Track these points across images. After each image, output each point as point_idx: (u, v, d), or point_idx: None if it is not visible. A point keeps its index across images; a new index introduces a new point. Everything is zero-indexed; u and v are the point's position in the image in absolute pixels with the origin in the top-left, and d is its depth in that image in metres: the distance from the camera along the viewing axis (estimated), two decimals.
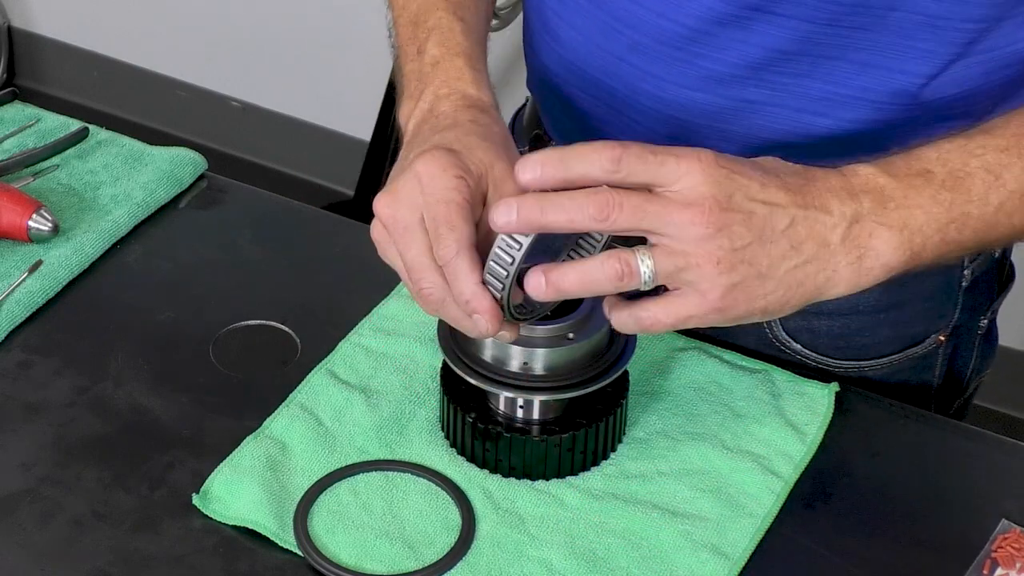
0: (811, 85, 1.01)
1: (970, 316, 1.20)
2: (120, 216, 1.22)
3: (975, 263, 1.16)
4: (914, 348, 1.18)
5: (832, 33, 0.99)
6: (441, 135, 0.95)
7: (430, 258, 0.90)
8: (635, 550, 0.97)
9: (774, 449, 1.04)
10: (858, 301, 1.13)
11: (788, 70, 1.01)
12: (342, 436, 1.04)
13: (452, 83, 1.00)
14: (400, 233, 0.91)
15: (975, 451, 1.07)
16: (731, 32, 1.01)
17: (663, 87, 1.05)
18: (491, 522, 0.98)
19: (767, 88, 1.02)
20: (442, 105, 0.99)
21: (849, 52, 0.99)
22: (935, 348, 1.19)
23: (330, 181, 2.87)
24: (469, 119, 0.96)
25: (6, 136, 1.30)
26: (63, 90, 3.05)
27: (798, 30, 0.99)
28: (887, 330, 1.16)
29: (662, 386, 1.08)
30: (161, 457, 1.03)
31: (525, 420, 1.01)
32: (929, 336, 1.18)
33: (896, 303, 1.15)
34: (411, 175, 0.91)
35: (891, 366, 1.18)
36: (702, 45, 1.02)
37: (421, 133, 0.98)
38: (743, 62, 1.02)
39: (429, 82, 1.01)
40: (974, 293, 1.19)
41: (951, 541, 0.99)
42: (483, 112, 0.98)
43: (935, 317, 1.18)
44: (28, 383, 1.09)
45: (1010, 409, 2.43)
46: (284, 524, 0.98)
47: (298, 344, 1.12)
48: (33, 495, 1.00)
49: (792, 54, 1.00)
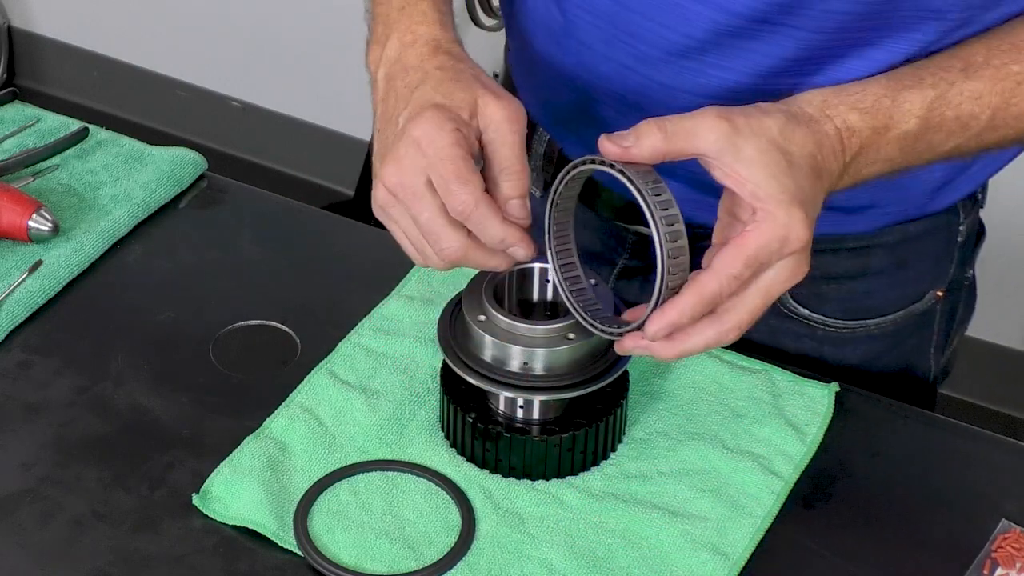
0: (818, 81, 1.01)
1: (961, 270, 1.23)
2: (120, 216, 1.22)
3: (969, 219, 1.20)
4: (916, 305, 1.20)
5: (840, 38, 0.99)
6: (420, 92, 0.96)
7: (445, 217, 0.93)
8: (635, 550, 0.97)
9: (774, 449, 1.04)
10: (866, 265, 1.17)
11: (796, 70, 1.02)
12: (342, 436, 1.04)
13: (415, 28, 1.01)
14: (411, 198, 0.93)
15: (975, 451, 1.07)
16: (739, 43, 1.01)
17: (672, 95, 1.05)
18: (491, 522, 0.98)
19: (774, 91, 1.02)
20: (408, 55, 1.00)
21: (855, 49, 1.00)
22: (934, 304, 1.22)
23: (330, 181, 2.87)
24: (436, 66, 0.98)
25: (6, 136, 1.30)
26: (63, 90, 3.05)
27: (805, 40, 1.00)
28: (893, 291, 1.19)
29: (662, 386, 1.08)
30: (161, 457, 1.03)
31: (525, 420, 1.01)
32: (928, 292, 1.21)
33: (902, 264, 1.18)
34: (408, 141, 0.93)
35: (895, 323, 1.20)
36: (711, 55, 1.02)
37: (394, 89, 0.99)
38: (752, 71, 1.02)
39: (394, 28, 1.02)
40: (965, 248, 1.22)
41: (951, 541, 0.99)
42: (448, 54, 0.99)
43: (935, 274, 1.21)
44: (28, 383, 1.09)
45: (1010, 409, 2.43)
46: (284, 524, 0.98)
47: (298, 344, 1.12)
48: (33, 495, 1.00)
49: (801, 60, 1.01)
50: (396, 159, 0.93)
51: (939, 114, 0.96)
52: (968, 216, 1.20)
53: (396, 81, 0.99)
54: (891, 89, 0.95)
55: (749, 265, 0.88)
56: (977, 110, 0.97)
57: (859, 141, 0.94)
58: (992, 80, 0.97)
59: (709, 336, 0.90)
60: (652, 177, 0.89)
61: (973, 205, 1.21)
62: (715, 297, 0.88)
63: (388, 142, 0.96)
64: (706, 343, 0.91)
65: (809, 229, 0.89)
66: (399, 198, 0.94)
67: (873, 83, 0.96)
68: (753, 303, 0.90)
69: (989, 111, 0.97)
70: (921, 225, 1.17)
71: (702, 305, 0.88)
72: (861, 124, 0.94)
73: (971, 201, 1.20)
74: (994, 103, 0.97)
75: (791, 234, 0.88)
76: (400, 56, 1.00)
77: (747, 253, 0.87)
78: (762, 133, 0.89)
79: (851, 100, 0.94)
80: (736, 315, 0.90)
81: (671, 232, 0.88)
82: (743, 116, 0.89)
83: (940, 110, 0.96)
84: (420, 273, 1.17)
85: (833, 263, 1.16)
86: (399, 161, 0.93)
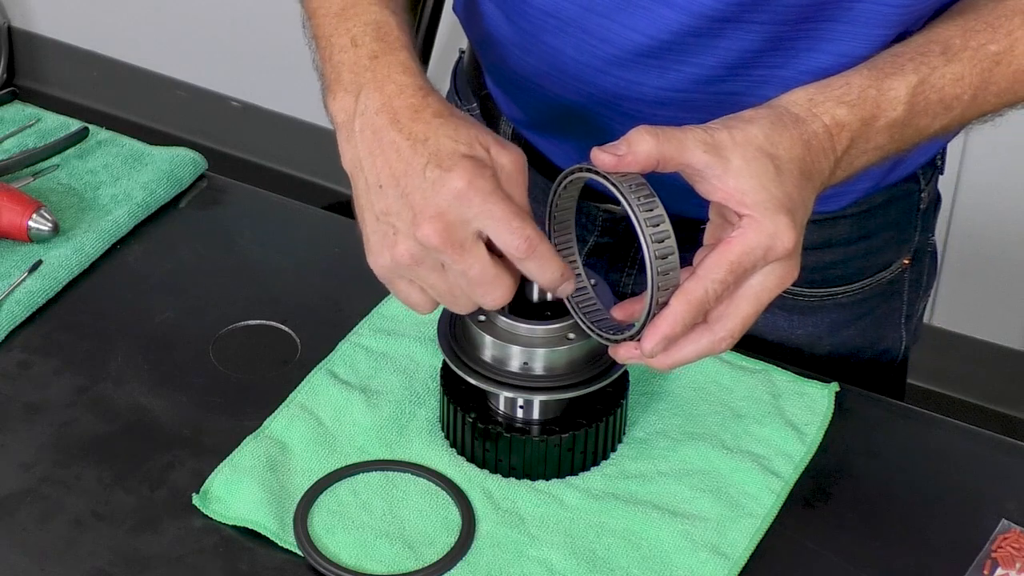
0: (788, 76, 1.03)
1: (925, 236, 1.25)
2: (120, 216, 1.22)
3: (929, 185, 1.23)
4: (883, 273, 1.23)
5: (803, 29, 1.01)
6: (437, 142, 0.92)
7: (496, 266, 0.90)
8: (635, 550, 0.97)
9: (774, 449, 1.04)
10: (831, 236, 1.18)
11: (764, 63, 1.03)
12: (342, 436, 1.04)
13: (397, 78, 0.96)
14: (458, 252, 0.89)
15: (975, 451, 1.07)
16: (705, 41, 1.02)
17: (644, 91, 1.07)
18: (491, 522, 0.98)
19: (745, 81, 1.05)
20: (398, 106, 0.94)
21: (822, 43, 1.02)
22: (901, 272, 1.24)
23: (330, 181, 2.87)
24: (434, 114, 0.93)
25: (6, 136, 1.30)
26: (63, 90, 3.05)
27: (770, 32, 1.01)
28: (858, 260, 1.21)
29: (662, 386, 1.08)
30: (161, 457, 1.03)
31: (525, 420, 1.01)
32: (895, 261, 1.23)
33: (866, 234, 1.20)
34: (451, 193, 0.89)
35: (863, 291, 1.22)
36: (678, 54, 1.03)
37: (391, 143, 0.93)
38: (719, 63, 1.04)
39: (368, 76, 0.97)
40: (927, 215, 1.24)
41: (951, 541, 0.99)
42: (440, 103, 0.95)
43: (901, 242, 1.23)
44: (28, 383, 1.09)
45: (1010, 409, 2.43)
46: (284, 524, 0.98)
47: (298, 344, 1.12)
48: (33, 495, 1.00)
49: (767, 52, 1.02)
50: (439, 214, 0.89)
51: (924, 99, 0.97)
52: (928, 183, 1.22)
53: (388, 134, 0.94)
54: (875, 79, 0.96)
55: (733, 271, 0.88)
56: (959, 91, 0.98)
57: (849, 134, 0.94)
58: (971, 61, 0.98)
59: (702, 345, 0.91)
60: (645, 191, 0.89)
61: (933, 172, 1.23)
62: (702, 303, 0.89)
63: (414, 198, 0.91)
64: (698, 352, 0.91)
65: (796, 234, 0.89)
66: (442, 253, 0.90)
67: (856, 75, 0.96)
68: (744, 311, 0.90)
69: (971, 91, 0.99)
70: (883, 195, 1.19)
71: (691, 313, 0.89)
72: (850, 117, 0.94)
73: (931, 168, 1.22)
74: (975, 83, 0.99)
75: (776, 241, 0.88)
76: (385, 106, 0.94)
77: (730, 259, 0.88)
78: (748, 143, 0.90)
79: (837, 95, 0.95)
80: (728, 323, 0.90)
81: (661, 248, 0.88)
82: (726, 131, 0.90)
83: (924, 95, 0.97)
84: None
85: None
86: (443, 216, 0.89)
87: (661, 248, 0.88)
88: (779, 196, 0.89)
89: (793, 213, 0.89)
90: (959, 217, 2.24)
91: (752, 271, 0.89)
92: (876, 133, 0.96)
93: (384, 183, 0.93)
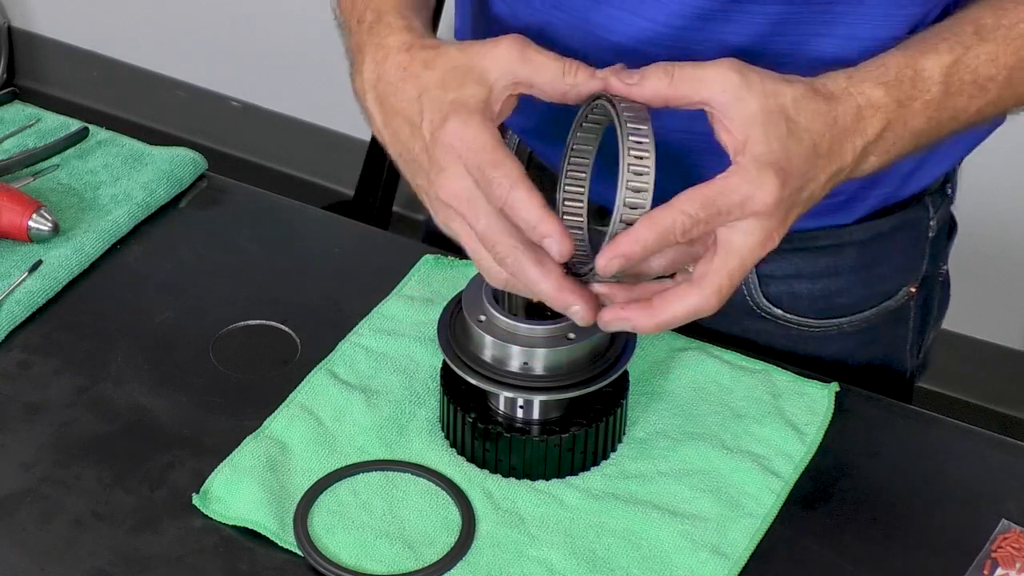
0: (798, 63, 1.01)
1: (934, 265, 1.24)
2: (120, 216, 1.22)
3: (939, 213, 1.21)
4: (888, 302, 1.21)
5: (814, 11, 1.00)
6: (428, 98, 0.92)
7: (500, 220, 0.89)
8: (635, 550, 0.97)
9: (774, 449, 1.04)
10: (837, 264, 1.17)
11: (774, 50, 1.02)
12: (342, 436, 1.04)
13: (384, 42, 0.97)
14: (465, 206, 0.89)
15: (975, 451, 1.07)
16: (712, 26, 1.01)
17: None
18: (491, 522, 0.98)
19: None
20: (387, 71, 0.95)
21: (833, 27, 1.00)
22: (907, 300, 1.22)
23: (330, 181, 2.87)
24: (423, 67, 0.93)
25: (6, 136, 1.30)
26: (63, 90, 3.05)
27: (779, 14, 1.00)
28: (864, 288, 1.20)
29: (662, 386, 1.08)
30: (161, 457, 1.03)
31: (525, 420, 1.01)
32: (902, 289, 1.21)
33: (873, 261, 1.18)
34: (444, 148, 0.89)
35: (869, 321, 1.21)
36: (686, 42, 1.02)
37: (392, 109, 0.95)
38: (728, 51, 1.01)
39: (367, 50, 0.98)
40: (937, 242, 1.23)
41: (951, 541, 0.99)
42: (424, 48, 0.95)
43: (907, 270, 1.21)
44: (28, 383, 1.09)
45: (1010, 409, 2.43)
46: (284, 524, 0.98)
47: (298, 344, 1.12)
48: (33, 495, 1.00)
49: (776, 36, 1.01)
50: (440, 170, 0.90)
51: (958, 79, 0.96)
52: (938, 210, 1.21)
53: (389, 100, 0.95)
54: (910, 59, 0.95)
55: (705, 207, 0.86)
56: (994, 71, 0.97)
57: (884, 116, 0.93)
58: (1004, 40, 0.97)
59: (689, 303, 0.88)
60: (641, 116, 0.88)
61: (943, 200, 1.21)
62: (668, 231, 0.85)
63: (421, 160, 0.92)
64: (686, 310, 0.88)
65: (779, 194, 0.87)
66: (456, 209, 0.90)
67: (891, 57, 0.95)
68: (730, 266, 0.88)
69: (1005, 71, 0.97)
70: (891, 221, 1.17)
71: (654, 236, 0.85)
72: (886, 99, 0.93)
73: (940, 195, 1.21)
74: (1009, 63, 0.97)
75: (756, 192, 0.86)
76: (380, 75, 0.96)
77: (705, 193, 0.86)
78: (774, 95, 0.88)
79: (874, 75, 0.93)
80: (715, 278, 0.88)
81: (638, 166, 0.86)
82: (758, 75, 0.89)
83: (959, 74, 0.96)
84: (420, 273, 1.17)
85: (804, 262, 1.17)
86: (444, 171, 0.89)
87: (638, 166, 0.87)
88: (777, 154, 0.87)
89: (785, 176, 0.87)
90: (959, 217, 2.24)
91: (727, 216, 0.86)
92: (913, 116, 0.94)
93: (401, 154, 0.95)
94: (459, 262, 1.18)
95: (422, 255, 1.19)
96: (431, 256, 1.19)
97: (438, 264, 1.19)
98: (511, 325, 0.98)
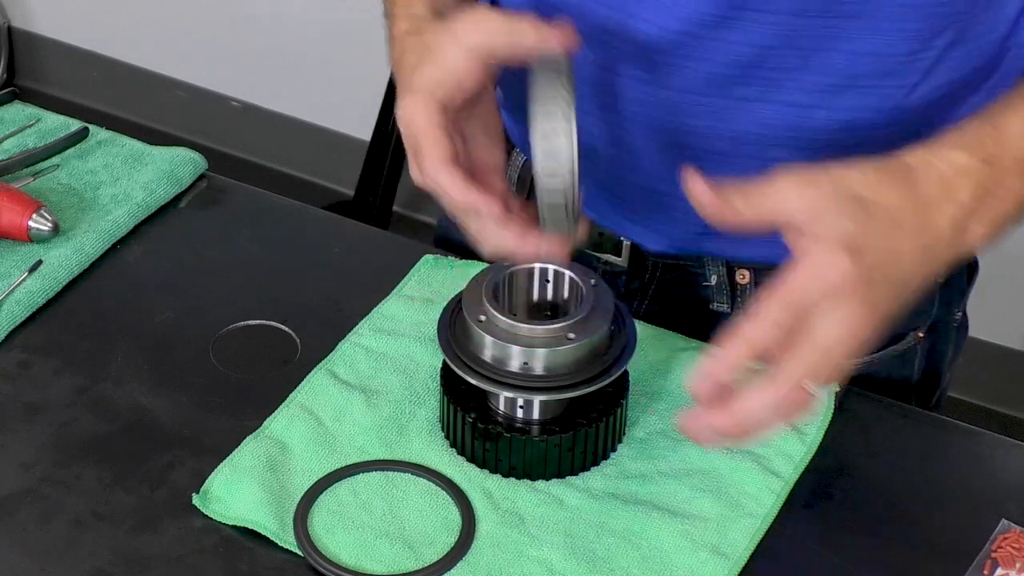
0: (803, 77, 1.01)
1: (946, 310, 1.21)
2: (120, 216, 1.22)
3: None
4: (894, 346, 1.18)
5: (820, 24, 0.98)
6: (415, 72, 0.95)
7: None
8: (635, 550, 0.97)
9: (774, 449, 1.04)
10: None
11: (779, 64, 1.00)
12: (342, 436, 1.04)
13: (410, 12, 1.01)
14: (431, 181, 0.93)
15: (975, 451, 1.07)
16: (717, 33, 1.00)
17: (653, 92, 1.04)
18: (491, 522, 0.98)
19: (758, 85, 1.02)
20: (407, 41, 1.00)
21: (839, 42, 0.99)
22: (914, 345, 1.19)
23: (330, 181, 2.87)
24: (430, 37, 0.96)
25: (6, 136, 1.30)
26: (63, 90, 3.05)
27: (785, 25, 0.98)
28: None
29: (662, 386, 1.08)
30: (161, 457, 1.03)
31: (525, 420, 1.01)
32: (908, 333, 1.19)
33: None
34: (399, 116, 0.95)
35: (872, 364, 1.18)
36: (690, 48, 1.01)
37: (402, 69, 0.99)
38: (732, 61, 1.01)
39: (396, 19, 1.03)
40: (949, 288, 1.19)
41: (951, 541, 0.99)
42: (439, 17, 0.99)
43: (914, 315, 1.18)
44: (28, 383, 1.09)
45: (1010, 409, 2.43)
46: (284, 524, 0.98)
47: (298, 344, 1.12)
48: (33, 495, 1.00)
49: (781, 48, 1.00)
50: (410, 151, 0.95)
51: None
52: None
53: (404, 60, 0.99)
54: (986, 118, 0.92)
55: (786, 307, 0.83)
56: None
57: (975, 179, 0.89)
58: None
59: (767, 396, 0.84)
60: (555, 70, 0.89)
61: None
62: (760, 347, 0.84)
63: None
64: (763, 403, 0.85)
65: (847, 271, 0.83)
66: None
67: (967, 121, 0.92)
68: (810, 358, 0.84)
69: None
70: None
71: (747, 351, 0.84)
72: (971, 159, 0.89)
73: None
74: None
75: (830, 273, 0.83)
76: (402, 45, 1.01)
77: (782, 294, 0.83)
78: (840, 180, 0.85)
79: (952, 140, 0.90)
80: (791, 370, 0.84)
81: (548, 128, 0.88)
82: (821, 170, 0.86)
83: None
84: (420, 273, 1.17)
85: None
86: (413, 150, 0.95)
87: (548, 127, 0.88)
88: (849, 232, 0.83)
89: (859, 252, 0.84)
90: None
91: (811, 310, 0.83)
92: (1005, 174, 0.90)
93: None
94: (459, 262, 1.18)
95: (422, 255, 1.19)
96: (431, 256, 1.19)
97: (438, 264, 1.19)
98: (511, 325, 0.98)
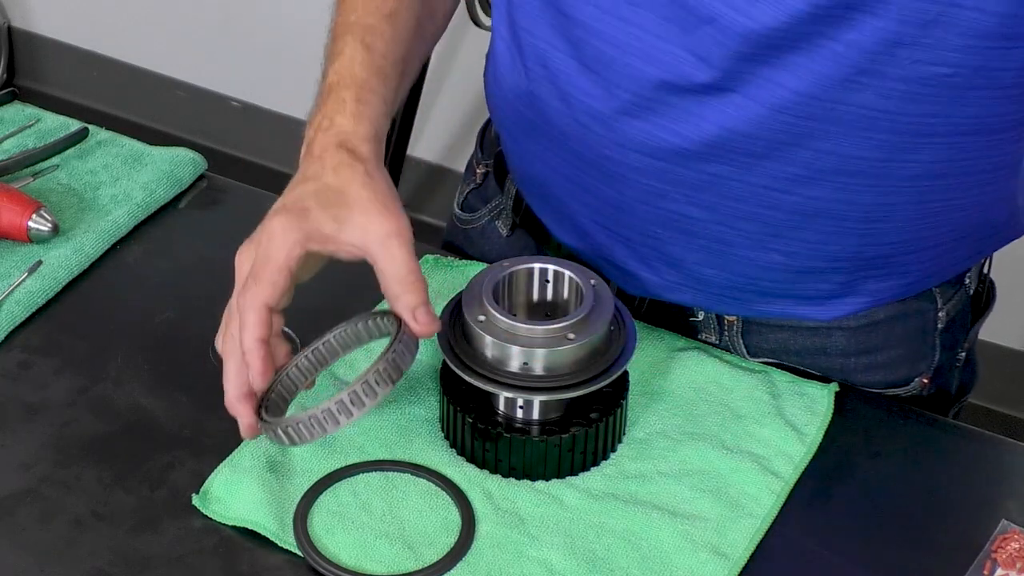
0: (771, 166, 0.99)
1: (949, 354, 1.18)
2: (120, 216, 1.22)
3: (949, 304, 1.15)
4: (897, 389, 1.16)
5: (784, 120, 0.97)
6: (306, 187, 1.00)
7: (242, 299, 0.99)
8: (635, 550, 0.97)
9: (774, 449, 1.04)
10: (825, 344, 1.13)
11: (746, 149, 0.99)
12: (342, 436, 1.04)
13: (333, 116, 1.03)
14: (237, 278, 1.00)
15: (975, 451, 1.07)
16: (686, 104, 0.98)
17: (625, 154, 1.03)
18: (491, 522, 0.98)
19: (728, 164, 1.00)
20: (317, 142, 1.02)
21: (803, 139, 0.97)
22: (920, 391, 1.17)
23: None
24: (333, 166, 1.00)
25: (6, 136, 1.30)
26: (63, 90, 3.05)
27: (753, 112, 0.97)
28: (863, 374, 1.14)
29: (662, 386, 1.08)
30: (161, 457, 1.03)
31: (525, 420, 1.01)
32: (913, 380, 1.16)
33: (867, 348, 1.13)
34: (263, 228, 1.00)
35: None
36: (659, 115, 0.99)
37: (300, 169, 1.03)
38: (699, 138, 0.99)
39: (319, 109, 1.04)
40: (951, 332, 1.17)
41: (951, 541, 0.99)
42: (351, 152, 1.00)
43: (915, 361, 1.16)
44: (28, 383, 1.09)
45: (1010, 409, 2.43)
46: (284, 524, 0.98)
47: (298, 344, 1.12)
48: (33, 495, 1.00)
49: (749, 135, 0.98)
50: (251, 238, 1.00)
51: None
52: (949, 300, 1.15)
53: (303, 163, 1.02)
54: None
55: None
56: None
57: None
58: None
59: None
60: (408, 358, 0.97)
61: (956, 291, 1.15)
62: None
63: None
64: None
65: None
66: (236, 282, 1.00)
67: None
68: None
69: None
70: (886, 311, 1.12)
71: None
72: None
73: (952, 287, 1.15)
74: None
75: None
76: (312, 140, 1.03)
77: None
78: None
79: None
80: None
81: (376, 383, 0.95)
82: None
83: None
84: None
85: (791, 339, 1.13)
86: (251, 240, 1.00)
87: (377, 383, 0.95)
88: None
89: None
90: None
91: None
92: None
93: None
94: (459, 262, 1.18)
95: (422, 255, 1.19)
96: (431, 256, 1.19)
97: (438, 264, 1.19)
98: (511, 325, 0.98)
